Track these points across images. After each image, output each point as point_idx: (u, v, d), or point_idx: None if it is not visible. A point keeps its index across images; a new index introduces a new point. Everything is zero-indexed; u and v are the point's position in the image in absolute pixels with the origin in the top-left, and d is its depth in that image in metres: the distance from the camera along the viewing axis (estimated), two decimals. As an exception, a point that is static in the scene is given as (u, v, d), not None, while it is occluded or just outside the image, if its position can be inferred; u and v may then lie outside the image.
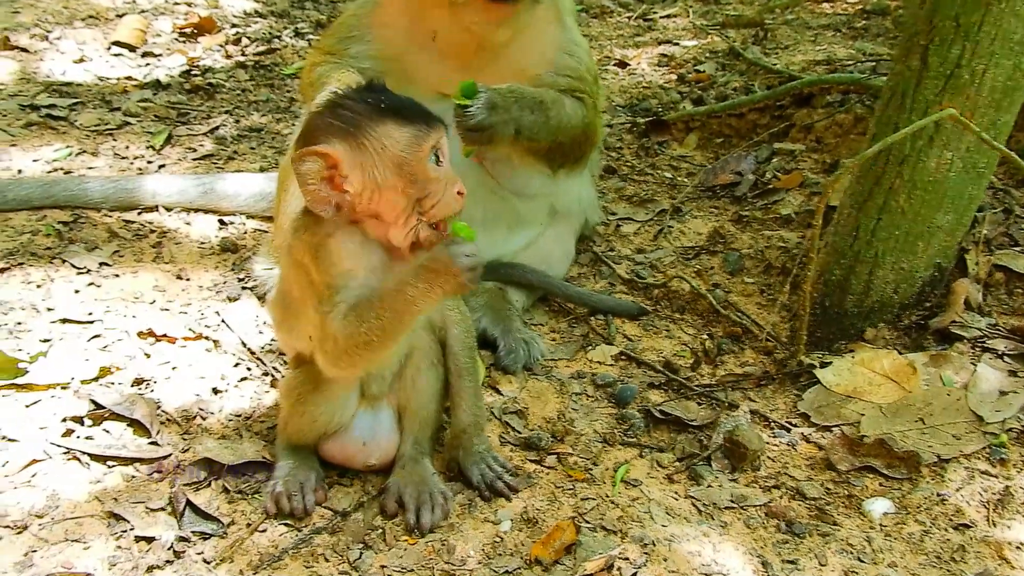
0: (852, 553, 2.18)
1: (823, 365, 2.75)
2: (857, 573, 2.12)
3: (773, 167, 3.95)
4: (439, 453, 2.44)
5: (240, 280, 3.19)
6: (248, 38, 5.69)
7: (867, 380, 2.67)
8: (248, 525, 2.19)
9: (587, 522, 2.25)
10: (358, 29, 2.94)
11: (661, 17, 6.24)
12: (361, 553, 2.12)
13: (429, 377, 2.35)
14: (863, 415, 2.58)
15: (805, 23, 5.73)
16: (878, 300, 2.85)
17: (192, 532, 2.14)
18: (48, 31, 5.40)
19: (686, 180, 4.07)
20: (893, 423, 2.53)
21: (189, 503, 2.20)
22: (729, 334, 3.02)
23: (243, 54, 5.44)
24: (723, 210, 3.80)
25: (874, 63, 4.58)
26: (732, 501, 2.35)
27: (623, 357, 2.94)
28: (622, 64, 5.42)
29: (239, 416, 2.55)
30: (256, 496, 2.28)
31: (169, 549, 2.09)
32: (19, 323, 2.81)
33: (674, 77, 5.16)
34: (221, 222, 3.57)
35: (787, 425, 2.62)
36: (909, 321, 2.87)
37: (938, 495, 2.33)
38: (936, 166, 2.68)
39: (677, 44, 5.67)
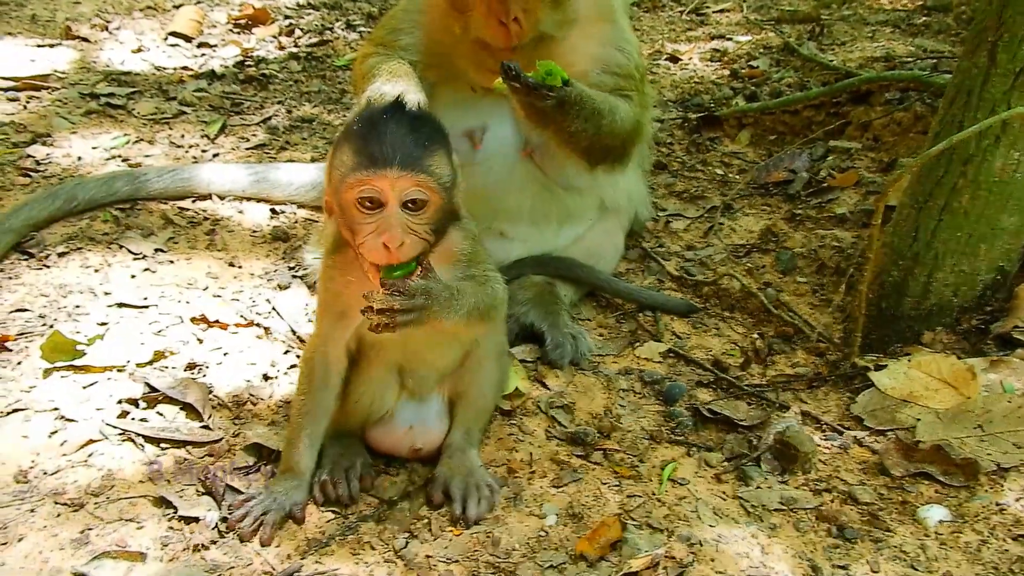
0: (906, 560, 2.13)
1: (878, 368, 2.68)
2: (911, 581, 2.08)
3: (828, 165, 3.88)
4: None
5: (291, 269, 3.23)
6: (301, 29, 5.75)
7: (924, 384, 2.61)
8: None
9: (633, 519, 2.23)
10: (408, 22, 2.95)
11: (714, 12, 6.16)
12: (407, 542, 2.13)
13: (491, 368, 2.35)
14: (919, 420, 2.51)
15: (862, 19, 5.60)
16: (937, 303, 2.77)
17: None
18: (108, 21, 5.51)
19: (737, 177, 4.01)
20: (950, 429, 2.46)
21: (228, 487, 2.22)
22: (780, 334, 2.97)
23: (296, 45, 5.50)
24: (775, 208, 3.74)
25: (935, 60, 4.47)
26: (781, 503, 2.31)
27: (671, 354, 2.91)
28: (673, 59, 5.36)
29: (288, 403, 2.58)
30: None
31: (214, 529, 2.12)
32: (77, 306, 2.88)
33: (726, 72, 5.08)
34: (273, 211, 3.62)
35: (839, 428, 2.57)
36: (969, 325, 2.79)
37: (997, 504, 2.26)
38: (1002, 166, 2.60)
39: (730, 39, 5.59)
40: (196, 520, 2.13)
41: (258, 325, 2.89)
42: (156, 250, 3.23)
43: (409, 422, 2.35)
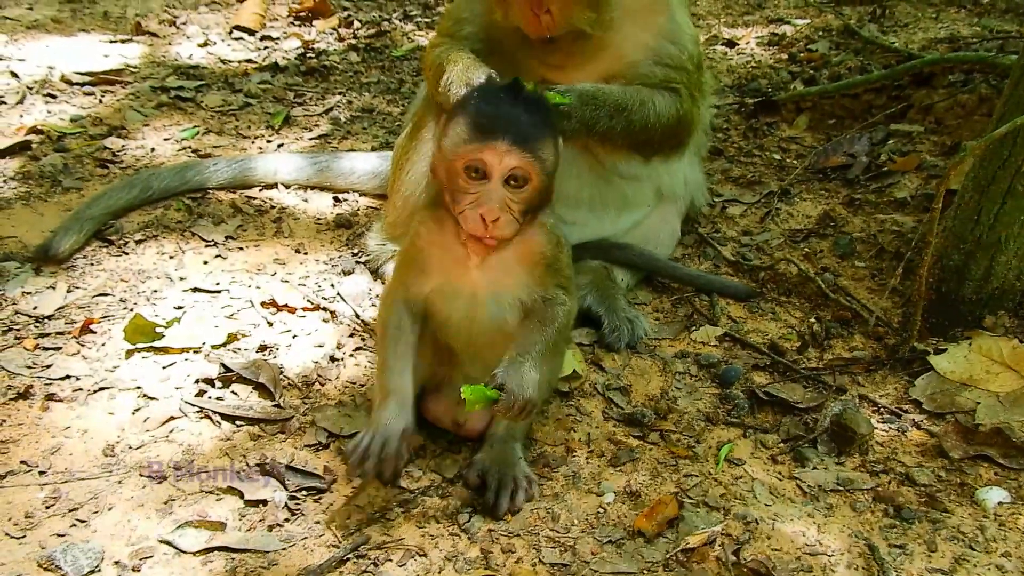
0: (964, 541, 2.14)
1: (937, 352, 2.68)
2: (968, 561, 2.09)
3: (888, 149, 3.84)
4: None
5: (354, 255, 3.33)
6: (359, 21, 5.87)
7: (984, 368, 2.59)
8: (359, 481, 2.31)
9: (690, 498, 2.28)
10: (469, 11, 3.01)
11: (772, -5, 6.10)
12: (470, 516, 2.21)
13: (545, 366, 2.32)
14: (979, 403, 2.51)
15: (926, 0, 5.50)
16: (998, 287, 2.75)
17: (304, 489, 2.27)
18: (175, 16, 5.70)
19: (795, 162, 4.00)
20: (1012, 412, 2.45)
21: (288, 466, 2.31)
22: (838, 318, 2.98)
23: (354, 37, 5.62)
24: (834, 193, 3.72)
25: (1001, 40, 4.37)
26: (838, 484, 2.33)
27: (727, 338, 2.93)
28: (730, 43, 5.34)
29: (354, 383, 2.68)
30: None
31: (284, 508, 2.22)
32: (155, 291, 3.02)
33: (784, 56, 5.05)
34: (335, 199, 3.73)
35: (897, 411, 2.57)
36: (1032, 309, 2.76)
37: (1058, 488, 2.25)
38: (1067, 148, 2.56)
39: (788, 22, 5.54)
40: (264, 503, 2.23)
41: (324, 309, 3.00)
42: (227, 237, 3.37)
43: (458, 396, 2.41)
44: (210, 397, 2.58)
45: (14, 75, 4.57)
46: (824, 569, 2.09)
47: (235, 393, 2.60)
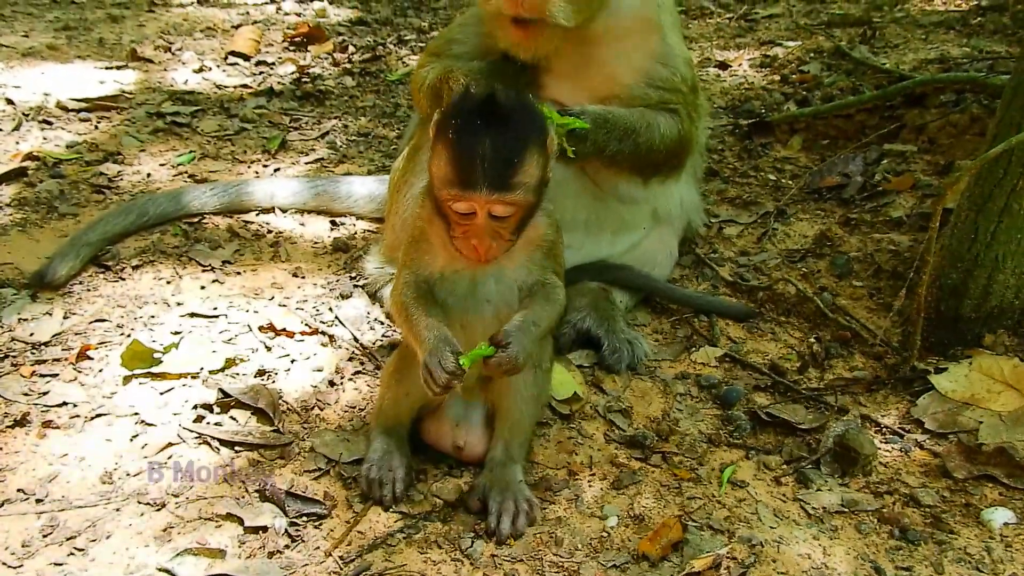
0: (970, 562, 2.13)
1: (938, 371, 2.68)
2: (976, 583, 2.08)
3: (883, 169, 3.86)
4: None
5: (352, 278, 3.32)
6: (354, 46, 5.90)
7: (985, 387, 2.59)
8: (360, 507, 2.29)
9: (694, 520, 2.27)
10: (463, 33, 3.03)
11: (763, 17, 6.17)
12: (472, 542, 2.19)
13: (525, 379, 2.32)
14: (981, 422, 2.50)
15: (915, 21, 5.57)
16: (997, 305, 2.76)
17: (304, 515, 2.25)
18: (170, 43, 5.73)
19: (790, 182, 4.02)
20: (1014, 432, 2.45)
21: (288, 492, 2.28)
22: (837, 338, 2.98)
23: (349, 61, 5.64)
24: (830, 213, 3.74)
25: (991, 61, 4.42)
26: (843, 505, 2.32)
27: (727, 359, 2.93)
28: (723, 66, 5.38)
29: (354, 408, 2.66)
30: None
31: (284, 535, 2.20)
32: (152, 316, 3.01)
33: (777, 78, 5.09)
34: (332, 223, 3.73)
35: (900, 431, 2.57)
36: (1031, 327, 2.77)
37: (1063, 507, 2.25)
38: (1063, 167, 2.58)
39: (779, 44, 5.59)
40: (264, 529, 2.21)
41: (323, 333, 2.99)
42: (224, 262, 3.36)
43: (457, 419, 2.41)
44: (208, 423, 2.55)
45: (9, 102, 4.58)
46: (831, 592, 2.08)
47: (234, 419, 2.58)
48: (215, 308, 3.08)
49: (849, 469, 2.42)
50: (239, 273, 3.31)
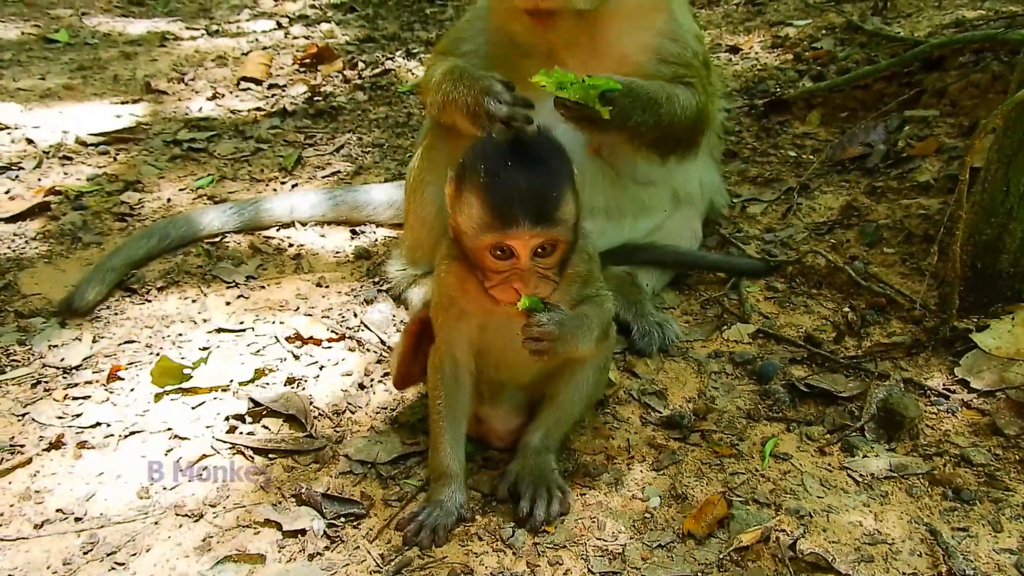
0: (1030, 518, 2.05)
1: (980, 329, 2.60)
2: (1038, 538, 2.00)
3: (905, 135, 3.79)
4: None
5: (375, 283, 3.31)
6: (363, 62, 5.93)
7: (1030, 341, 2.51)
8: (400, 501, 2.26)
9: (738, 496, 2.21)
10: (470, 31, 3.02)
11: (770, 0, 6.10)
12: (513, 531, 2.15)
13: (588, 378, 2.30)
14: (1029, 377, 2.42)
15: (927, -11, 5.47)
16: (1035, 257, 2.67)
17: (342, 516, 2.22)
18: (183, 73, 5.79)
19: (811, 157, 3.95)
20: (1064, 383, 2.36)
21: (325, 495, 2.26)
22: (872, 305, 2.91)
23: (360, 77, 5.67)
24: (854, 183, 3.67)
25: (1008, 19, 4.32)
26: (891, 470, 2.25)
27: (760, 335, 2.87)
28: (734, 50, 5.33)
29: (385, 409, 2.64)
30: (406, 480, 2.35)
31: (323, 536, 2.17)
32: (180, 334, 3.01)
33: (790, 57, 5.03)
34: (353, 232, 3.72)
35: (945, 392, 2.49)
36: (1073, 277, 2.68)
37: (1123, 455, 2.16)
38: (1092, 108, 2.50)
39: (790, 24, 5.53)
40: (303, 532, 2.19)
41: (349, 338, 2.97)
42: (247, 278, 3.36)
43: (492, 395, 2.39)
44: (241, 433, 2.54)
45: (30, 142, 4.64)
46: (886, 558, 2.01)
47: (266, 427, 2.57)
48: (241, 322, 3.08)
49: (895, 433, 2.35)
50: (263, 287, 3.32)
